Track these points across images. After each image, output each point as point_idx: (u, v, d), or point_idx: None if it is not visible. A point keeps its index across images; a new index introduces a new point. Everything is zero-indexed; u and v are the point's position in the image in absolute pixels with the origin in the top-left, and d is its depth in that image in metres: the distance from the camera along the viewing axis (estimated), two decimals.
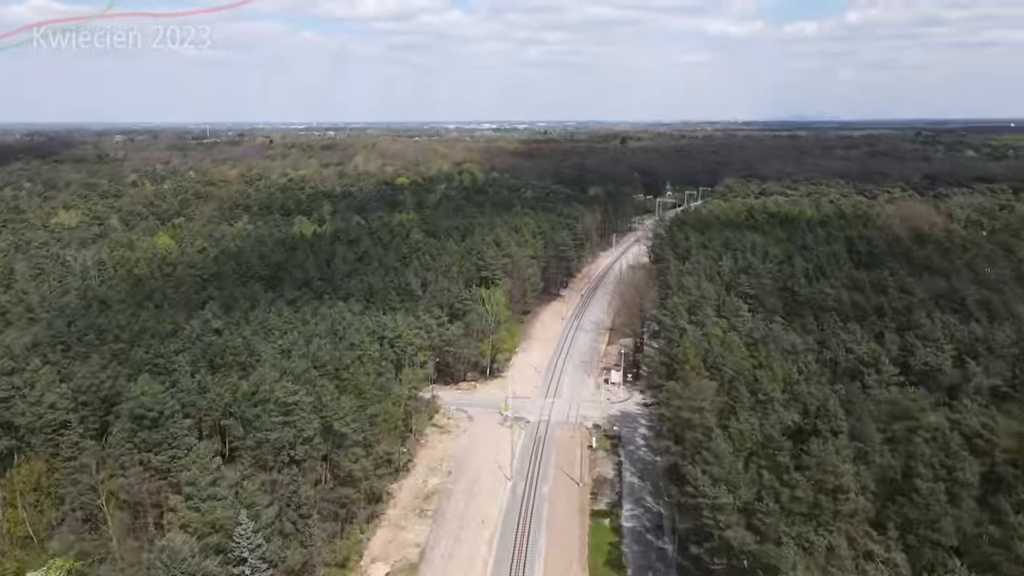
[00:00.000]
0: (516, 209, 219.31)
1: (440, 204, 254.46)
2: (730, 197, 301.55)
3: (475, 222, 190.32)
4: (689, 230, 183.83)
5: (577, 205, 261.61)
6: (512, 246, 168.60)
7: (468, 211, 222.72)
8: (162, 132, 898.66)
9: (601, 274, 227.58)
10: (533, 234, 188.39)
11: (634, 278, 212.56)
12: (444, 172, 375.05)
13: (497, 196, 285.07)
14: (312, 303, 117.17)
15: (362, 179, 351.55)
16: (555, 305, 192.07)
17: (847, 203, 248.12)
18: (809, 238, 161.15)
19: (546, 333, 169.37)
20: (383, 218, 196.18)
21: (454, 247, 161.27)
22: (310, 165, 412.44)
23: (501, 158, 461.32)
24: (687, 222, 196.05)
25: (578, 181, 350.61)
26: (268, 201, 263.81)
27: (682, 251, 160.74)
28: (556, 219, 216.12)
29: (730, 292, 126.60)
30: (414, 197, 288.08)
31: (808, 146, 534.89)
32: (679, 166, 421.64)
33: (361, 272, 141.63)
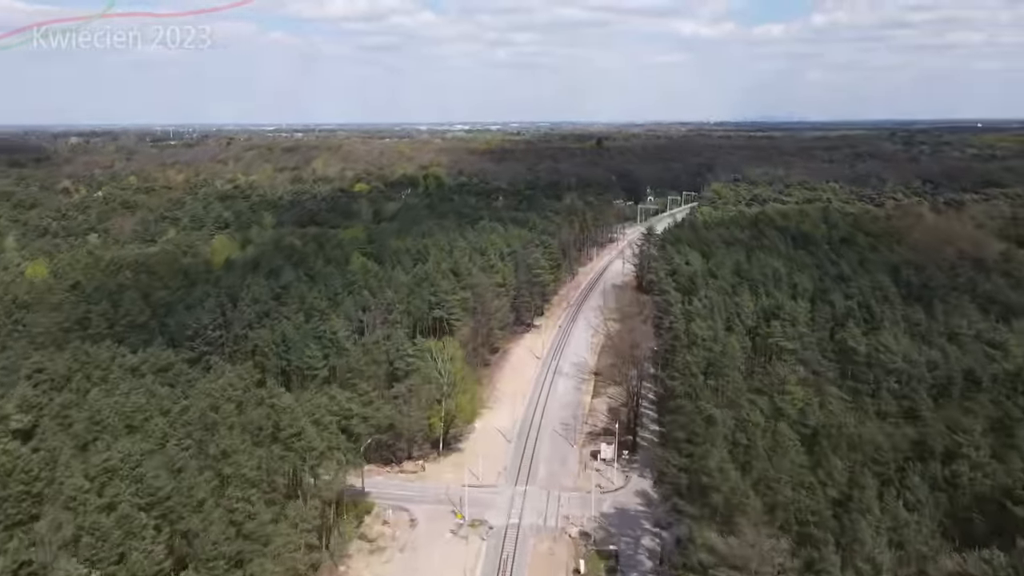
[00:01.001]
0: (483, 223, 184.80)
1: (398, 215, 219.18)
2: (719, 204, 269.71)
3: (433, 241, 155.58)
4: (687, 250, 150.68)
5: (552, 216, 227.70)
6: (475, 273, 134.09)
7: (427, 225, 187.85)
8: (123, 133, 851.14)
9: (581, 296, 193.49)
10: (501, 256, 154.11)
11: (622, 306, 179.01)
12: (408, 176, 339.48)
13: (463, 204, 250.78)
14: (186, 373, 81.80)
15: (317, 185, 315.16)
16: (529, 339, 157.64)
17: (855, 210, 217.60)
18: (842, 264, 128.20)
19: (517, 381, 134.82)
20: (322, 237, 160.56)
21: (402, 277, 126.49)
22: (263, 170, 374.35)
23: (471, 161, 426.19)
24: (682, 239, 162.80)
25: (553, 187, 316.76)
26: (203, 212, 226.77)
27: (685, 281, 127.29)
28: (529, 235, 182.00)
29: (760, 346, 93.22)
30: (371, 206, 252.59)
31: (788, 147, 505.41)
32: (659, 169, 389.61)
33: (275, 316, 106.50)
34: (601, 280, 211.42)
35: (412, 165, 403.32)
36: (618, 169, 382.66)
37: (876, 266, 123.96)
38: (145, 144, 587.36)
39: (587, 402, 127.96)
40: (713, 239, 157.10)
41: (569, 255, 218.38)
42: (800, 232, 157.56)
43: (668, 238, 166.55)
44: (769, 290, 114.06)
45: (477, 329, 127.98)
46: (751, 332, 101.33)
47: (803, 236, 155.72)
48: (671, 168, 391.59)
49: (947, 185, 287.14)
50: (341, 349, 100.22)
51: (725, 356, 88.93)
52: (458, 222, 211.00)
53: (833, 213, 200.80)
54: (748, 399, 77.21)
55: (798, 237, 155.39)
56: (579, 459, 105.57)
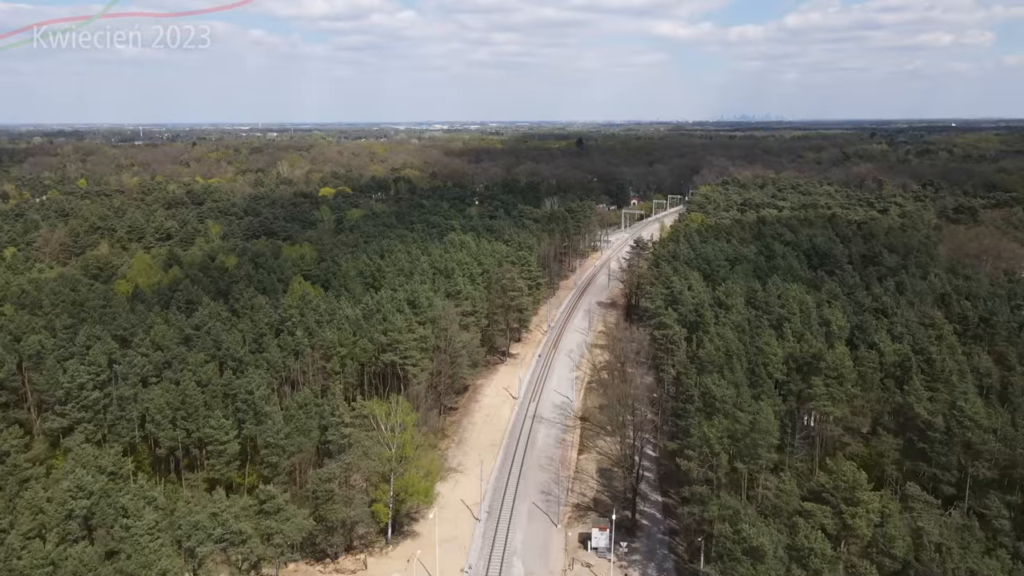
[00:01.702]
0: (453, 236, 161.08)
1: (360, 225, 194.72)
2: (710, 209, 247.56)
3: (391, 261, 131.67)
4: (687, 270, 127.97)
5: (530, 224, 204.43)
6: (437, 303, 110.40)
7: (389, 239, 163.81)
8: (91, 133, 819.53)
9: (564, 316, 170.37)
10: (471, 277, 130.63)
11: (609, 330, 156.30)
12: (378, 180, 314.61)
13: (434, 210, 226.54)
14: (22, 468, 57.56)
15: (280, 189, 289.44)
16: (503, 373, 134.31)
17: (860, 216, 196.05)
18: (876, 290, 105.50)
19: (489, 430, 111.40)
20: (261, 256, 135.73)
21: (349, 310, 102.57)
22: (226, 172, 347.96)
23: (446, 162, 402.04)
24: (679, 255, 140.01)
25: (531, 190, 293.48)
26: (143, 222, 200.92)
27: (689, 313, 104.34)
28: (504, 249, 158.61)
29: (796, 409, 70.59)
30: (333, 214, 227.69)
31: (773, 147, 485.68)
32: (642, 171, 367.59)
33: (178, 368, 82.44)
34: (585, 296, 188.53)
35: (384, 167, 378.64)
36: (599, 171, 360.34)
37: (918, 294, 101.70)
38: (108, 144, 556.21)
39: (572, 459, 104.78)
40: (714, 256, 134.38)
41: (550, 268, 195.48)
42: (815, 248, 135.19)
43: (662, 253, 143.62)
44: (795, 327, 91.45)
45: (439, 371, 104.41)
46: (782, 388, 78.67)
47: (818, 253, 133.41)
48: (654, 170, 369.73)
49: (947, 188, 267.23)
50: (259, 414, 76.31)
51: (757, 431, 66.13)
52: (425, 233, 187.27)
53: (840, 222, 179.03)
54: (801, 509, 54.40)
55: (813, 254, 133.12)
56: (564, 547, 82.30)
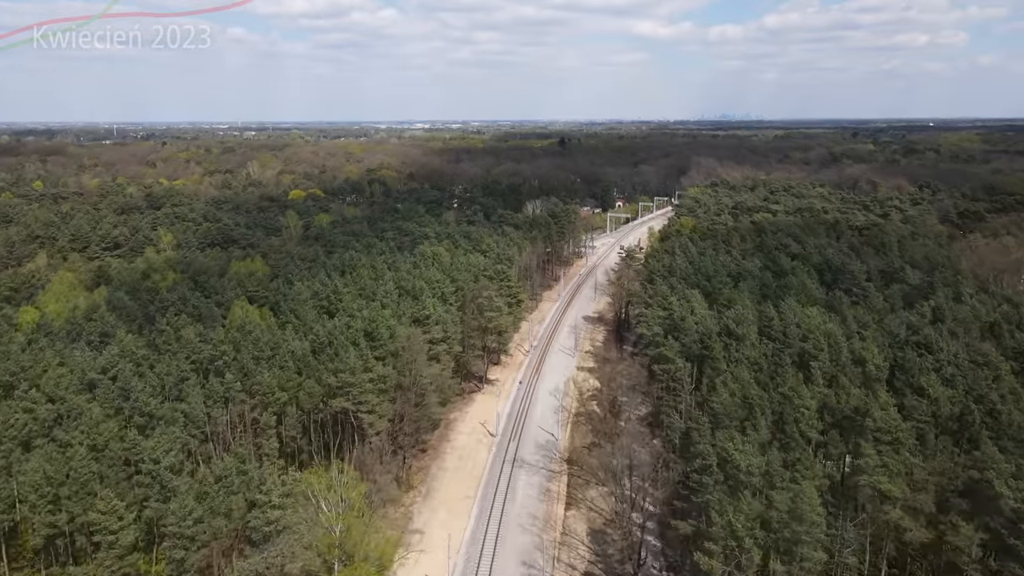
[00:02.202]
0: (425, 247, 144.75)
1: (323, 235, 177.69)
2: (700, 213, 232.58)
3: (353, 279, 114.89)
4: (686, 289, 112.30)
5: (511, 231, 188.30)
6: (402, 331, 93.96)
7: (356, 249, 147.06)
8: (62, 132, 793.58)
9: (547, 333, 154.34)
10: (444, 297, 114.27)
11: (597, 352, 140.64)
12: (352, 182, 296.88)
13: (409, 215, 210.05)
14: None
15: (247, 192, 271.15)
16: (480, 405, 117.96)
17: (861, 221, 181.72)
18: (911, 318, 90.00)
19: (460, 479, 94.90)
20: (205, 274, 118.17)
21: (294, 343, 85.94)
22: (192, 174, 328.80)
23: (424, 162, 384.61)
24: (675, 269, 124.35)
25: (513, 192, 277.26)
26: (89, 230, 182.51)
27: (694, 345, 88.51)
28: (482, 262, 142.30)
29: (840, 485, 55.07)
30: (300, 219, 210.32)
31: (759, 147, 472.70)
32: (627, 171, 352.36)
33: (70, 427, 65.55)
34: (571, 310, 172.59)
35: (360, 168, 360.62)
36: (583, 171, 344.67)
37: (961, 322, 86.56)
38: (76, 143, 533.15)
39: (559, 517, 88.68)
40: (715, 271, 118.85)
41: (532, 279, 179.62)
42: (827, 262, 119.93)
43: (656, 268, 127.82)
44: (824, 366, 75.98)
45: (403, 415, 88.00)
46: (820, 451, 63.13)
47: (831, 267, 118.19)
48: (640, 170, 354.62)
49: (945, 191, 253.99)
50: (164, 489, 59.75)
51: (797, 518, 50.55)
52: (396, 242, 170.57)
53: (844, 228, 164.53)
54: None
55: (825, 269, 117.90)
56: None
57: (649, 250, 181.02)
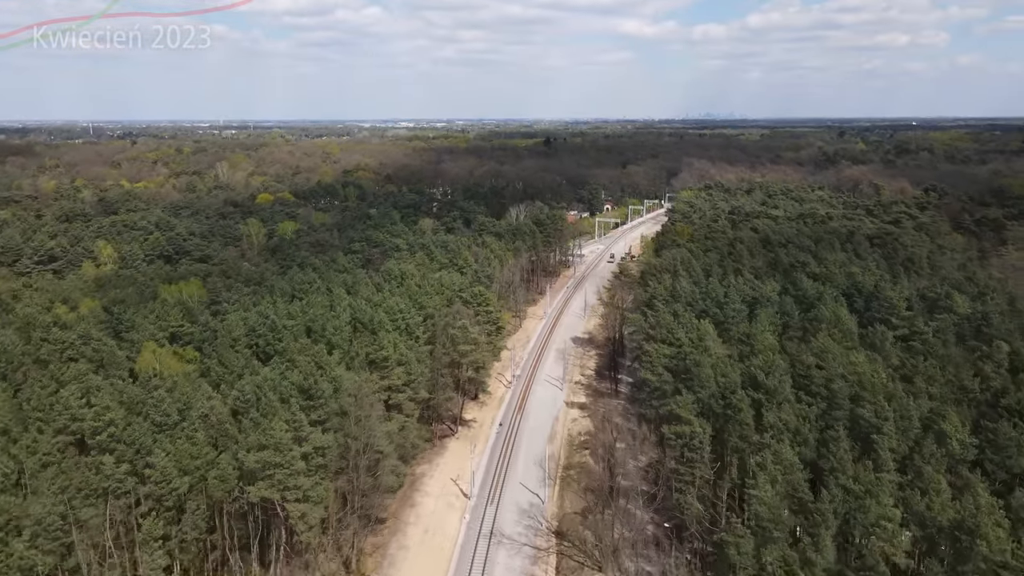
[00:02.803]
0: (391, 265, 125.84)
1: (281, 248, 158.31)
2: (695, 219, 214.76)
3: (301, 309, 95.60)
4: (693, 319, 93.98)
5: (492, 241, 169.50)
6: (349, 381, 74.93)
7: (315, 266, 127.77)
8: (36, 130, 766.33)
9: (532, 361, 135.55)
10: (409, 330, 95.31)
11: (590, 383, 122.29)
12: (324, 185, 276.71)
13: (382, 222, 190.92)
14: None
15: (211, 195, 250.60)
16: (452, 455, 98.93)
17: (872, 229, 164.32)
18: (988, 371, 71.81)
19: (426, 561, 75.91)
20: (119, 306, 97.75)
21: (209, 400, 66.79)
22: (158, 175, 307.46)
23: (405, 163, 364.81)
24: (679, 294, 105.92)
25: (495, 196, 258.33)
26: (20, 241, 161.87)
27: (715, 401, 70.04)
28: (459, 281, 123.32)
29: None
30: (262, 228, 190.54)
31: (749, 146, 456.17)
32: (615, 173, 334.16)
33: None
34: (558, 329, 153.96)
35: (336, 169, 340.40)
36: (569, 172, 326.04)
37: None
38: (46, 143, 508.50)
39: None
40: (727, 297, 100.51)
41: (515, 294, 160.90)
42: (856, 286, 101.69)
43: (658, 291, 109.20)
44: (892, 445, 57.82)
45: (348, 496, 69.06)
46: None
47: (861, 292, 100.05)
48: (628, 172, 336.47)
49: (951, 194, 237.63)
50: None
51: None
52: (364, 255, 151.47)
53: (860, 239, 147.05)
54: None
55: (855, 294, 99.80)
56: None
57: (644, 263, 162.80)
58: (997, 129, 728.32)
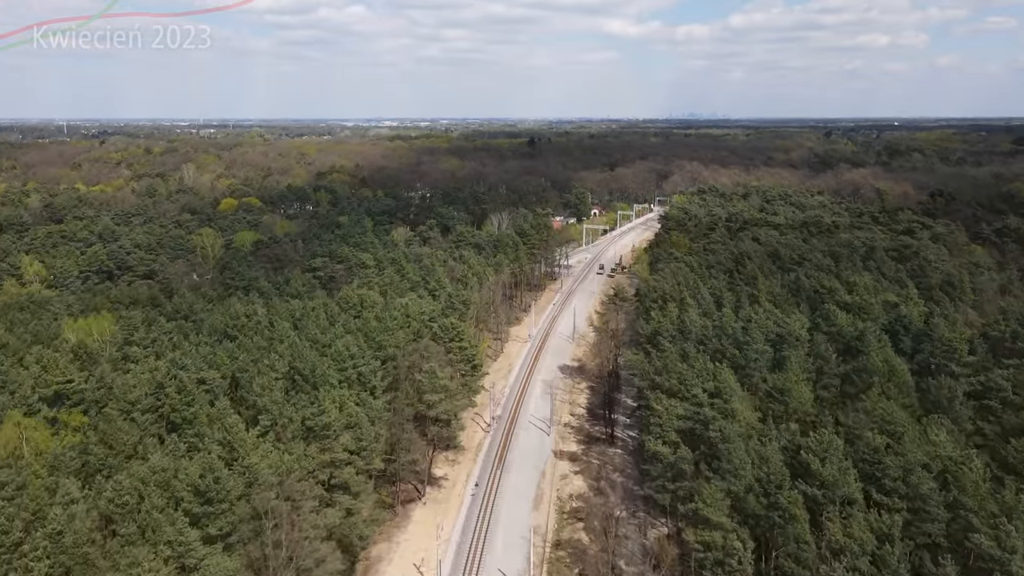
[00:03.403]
0: (349, 291, 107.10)
1: (231, 264, 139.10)
2: (691, 226, 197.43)
3: (231, 357, 76.72)
4: (705, 358, 76.18)
5: (471, 255, 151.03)
6: (268, 472, 56.23)
7: (263, 290, 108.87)
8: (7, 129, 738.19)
9: (515, 396, 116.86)
10: (362, 380, 76.61)
11: (581, 426, 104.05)
12: (295, 189, 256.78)
13: (351, 232, 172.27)
14: None
15: (172, 200, 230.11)
16: (415, 530, 80.00)
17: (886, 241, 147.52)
18: None
19: None
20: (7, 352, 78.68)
21: (65, 511, 48.12)
22: (117, 178, 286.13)
23: (383, 164, 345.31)
24: (688, 330, 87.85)
25: (476, 201, 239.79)
26: None
27: (755, 501, 52.02)
28: (429, 308, 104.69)
29: None
30: (218, 238, 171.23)
31: (738, 147, 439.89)
32: (603, 176, 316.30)
33: None
34: (544, 355, 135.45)
35: (311, 171, 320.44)
36: (554, 175, 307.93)
37: None
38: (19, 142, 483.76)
39: None
40: (747, 335, 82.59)
41: (496, 313, 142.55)
42: (901, 322, 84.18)
43: (664, 326, 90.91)
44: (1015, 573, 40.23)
45: None
46: None
47: (907, 329, 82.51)
48: (617, 174, 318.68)
49: (958, 199, 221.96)
50: None
51: None
52: (327, 272, 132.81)
53: (881, 255, 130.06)
54: None
55: (901, 332, 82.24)
56: None
57: (640, 281, 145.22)
58: (982, 129, 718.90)
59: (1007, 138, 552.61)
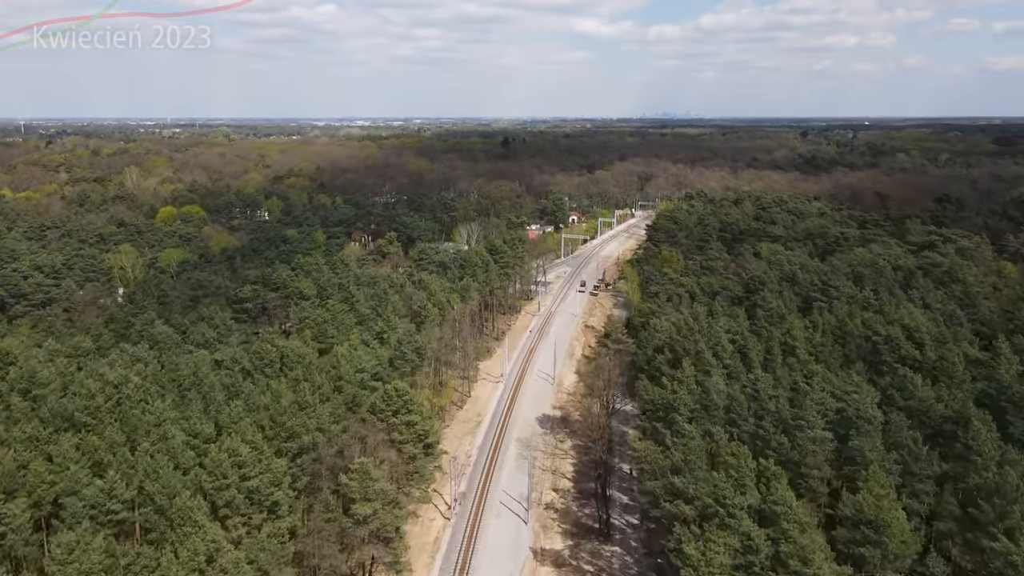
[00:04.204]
0: (264, 346, 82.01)
1: (136, 296, 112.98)
2: (682, 238, 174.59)
3: (68, 458, 51.87)
4: (745, 452, 52.83)
5: (433, 280, 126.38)
6: None
7: (154, 339, 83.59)
8: None
9: (483, 464, 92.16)
10: (256, 499, 52.08)
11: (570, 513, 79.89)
12: (246, 196, 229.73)
13: (293, 252, 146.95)
14: None
15: (101, 209, 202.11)
16: None
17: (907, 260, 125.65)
18: None
19: None
20: None
21: None
22: (51, 183, 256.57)
23: (348, 166, 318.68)
24: (713, 407, 64.14)
25: (444, 209, 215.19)
26: None
27: None
28: (373, 362, 79.99)
29: None
30: (139, 259, 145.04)
31: (719, 148, 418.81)
32: (582, 180, 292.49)
33: None
34: (519, 401, 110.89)
35: (268, 175, 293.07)
36: (529, 179, 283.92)
37: None
38: None
39: None
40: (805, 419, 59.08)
41: (464, 348, 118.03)
42: (997, 386, 61.40)
43: (681, 398, 66.84)
44: None
45: None
46: None
47: (1011, 400, 59.78)
48: (596, 177, 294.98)
49: (968, 206, 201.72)
50: None
51: None
52: (256, 305, 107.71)
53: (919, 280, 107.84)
54: None
55: (996, 398, 59.44)
56: None
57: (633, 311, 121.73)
58: (952, 129, 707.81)
59: (984, 138, 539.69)
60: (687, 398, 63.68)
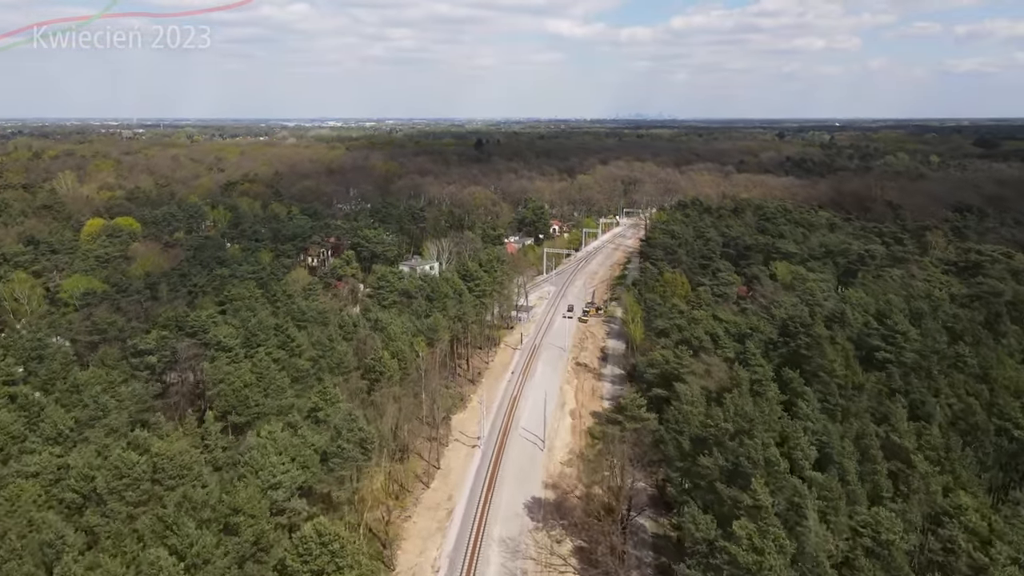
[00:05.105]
0: (140, 462, 56.58)
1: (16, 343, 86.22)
2: (683, 255, 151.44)
3: None
4: None
5: (391, 316, 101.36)
6: None
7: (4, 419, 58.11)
8: None
9: (462, 566, 68.31)
10: None
11: None
12: (190, 205, 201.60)
13: (227, 277, 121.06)
14: None
15: (15, 223, 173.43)
16: None
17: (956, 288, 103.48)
18: None
19: None
20: None
21: None
22: None
23: (309, 170, 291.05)
24: (804, 554, 39.98)
25: (413, 219, 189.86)
26: None
27: None
28: (294, 475, 55.02)
29: None
30: (35, 288, 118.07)
31: (701, 150, 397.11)
32: (563, 185, 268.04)
33: None
34: (501, 477, 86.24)
35: (221, 180, 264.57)
36: (506, 184, 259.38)
37: None
38: None
39: None
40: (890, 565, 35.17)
41: (431, 408, 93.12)
42: None
43: (742, 562, 42.90)
44: None
45: None
46: None
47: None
48: (579, 183, 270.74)
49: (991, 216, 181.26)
50: None
51: None
52: (163, 360, 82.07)
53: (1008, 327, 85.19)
54: None
55: None
56: None
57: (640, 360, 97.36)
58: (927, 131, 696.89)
59: (963, 140, 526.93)
60: (776, 560, 39.32)
